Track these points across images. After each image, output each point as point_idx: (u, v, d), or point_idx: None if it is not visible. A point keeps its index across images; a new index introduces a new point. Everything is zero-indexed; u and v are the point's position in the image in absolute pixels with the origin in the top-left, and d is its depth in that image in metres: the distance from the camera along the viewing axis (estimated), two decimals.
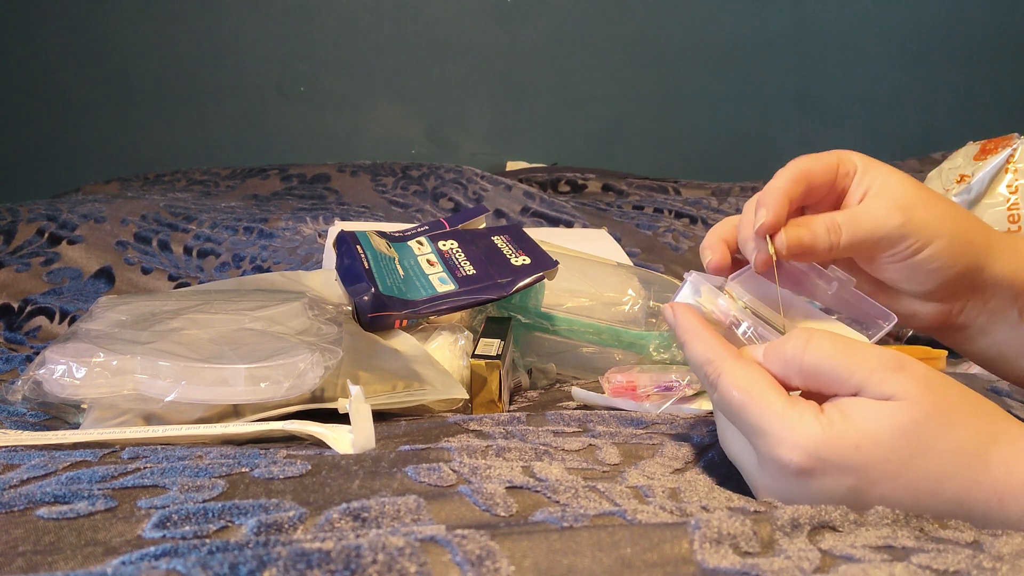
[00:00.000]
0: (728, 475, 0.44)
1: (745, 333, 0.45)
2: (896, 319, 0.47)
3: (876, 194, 0.46)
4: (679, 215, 1.33)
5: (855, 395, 0.38)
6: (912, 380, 0.37)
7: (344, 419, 0.49)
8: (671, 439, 0.48)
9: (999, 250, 0.47)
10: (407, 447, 0.45)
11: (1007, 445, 0.37)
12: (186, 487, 0.39)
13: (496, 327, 0.67)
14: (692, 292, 0.47)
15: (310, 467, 0.41)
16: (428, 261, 0.71)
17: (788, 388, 0.40)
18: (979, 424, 0.37)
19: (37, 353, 0.63)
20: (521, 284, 0.66)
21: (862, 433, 0.36)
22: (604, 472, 0.43)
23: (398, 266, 0.70)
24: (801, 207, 0.49)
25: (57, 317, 0.86)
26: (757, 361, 0.41)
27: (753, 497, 0.41)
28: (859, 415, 0.37)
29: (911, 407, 0.36)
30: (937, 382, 0.38)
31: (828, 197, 0.49)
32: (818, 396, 0.40)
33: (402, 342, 0.64)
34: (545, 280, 0.68)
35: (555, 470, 0.42)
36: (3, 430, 0.51)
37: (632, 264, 0.98)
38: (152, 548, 0.32)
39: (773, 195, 0.46)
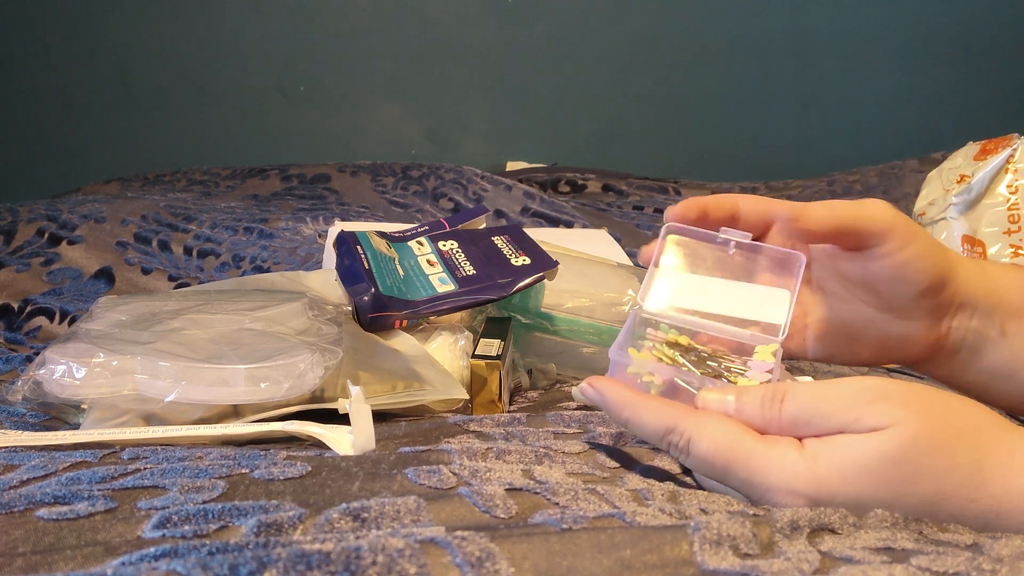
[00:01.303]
0: None
1: (690, 384, 0.43)
2: (806, 258, 0.47)
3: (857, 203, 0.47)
4: None
5: (831, 432, 0.37)
6: (895, 406, 0.36)
7: (344, 419, 0.49)
8: None
9: (966, 267, 0.49)
10: (407, 449, 0.45)
11: (1003, 457, 0.36)
12: (186, 488, 0.39)
13: (496, 327, 0.67)
14: (623, 359, 0.44)
15: (310, 468, 0.41)
16: (428, 261, 0.71)
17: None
18: (973, 439, 0.36)
19: (37, 353, 0.63)
20: (521, 284, 0.66)
21: (849, 466, 0.36)
22: (604, 477, 0.43)
23: (398, 266, 0.70)
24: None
25: (57, 317, 0.86)
26: (720, 410, 0.40)
27: None
28: (846, 447, 0.36)
29: (897, 434, 0.36)
30: (925, 401, 0.37)
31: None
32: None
33: (402, 342, 0.64)
34: (545, 280, 0.68)
35: (555, 473, 0.42)
36: (3, 430, 0.51)
37: (632, 264, 0.98)
38: (152, 549, 0.32)
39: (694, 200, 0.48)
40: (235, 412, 0.54)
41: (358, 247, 0.71)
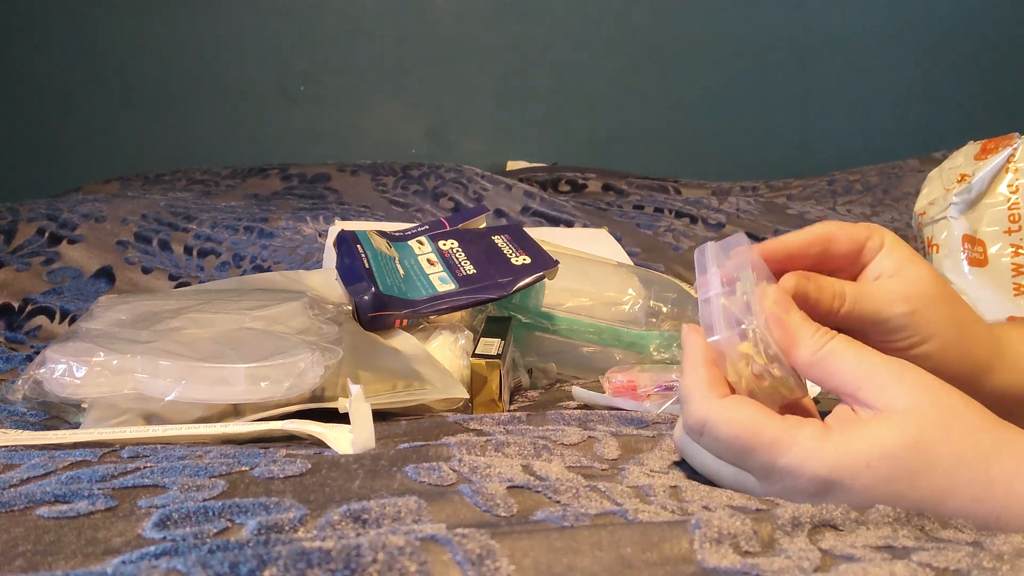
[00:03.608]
0: None
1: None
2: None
3: (891, 276, 0.46)
4: (679, 215, 1.33)
5: (856, 398, 0.38)
6: (913, 389, 0.37)
7: (344, 419, 0.49)
8: (670, 431, 0.48)
9: (1000, 366, 0.47)
10: (406, 445, 0.45)
11: (1008, 460, 0.36)
12: (186, 486, 0.39)
13: (496, 326, 0.67)
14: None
15: (310, 466, 0.41)
16: (428, 260, 0.71)
17: (795, 366, 0.40)
18: (981, 435, 0.37)
19: (37, 352, 0.63)
20: (521, 284, 0.66)
21: (874, 450, 0.36)
22: (604, 470, 0.43)
23: (398, 265, 0.70)
24: (825, 270, 0.47)
25: (57, 316, 0.86)
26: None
27: None
28: (869, 431, 0.37)
29: (915, 418, 0.36)
30: (939, 389, 0.38)
31: (850, 268, 0.47)
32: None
33: (402, 341, 0.64)
34: (545, 280, 0.68)
35: (555, 468, 0.41)
36: (3, 429, 0.51)
37: (632, 264, 0.98)
38: (152, 547, 0.32)
39: (773, 244, 0.45)
40: (235, 411, 0.54)
41: (358, 246, 0.71)
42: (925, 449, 0.36)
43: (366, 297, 0.64)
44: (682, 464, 0.45)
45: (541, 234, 0.86)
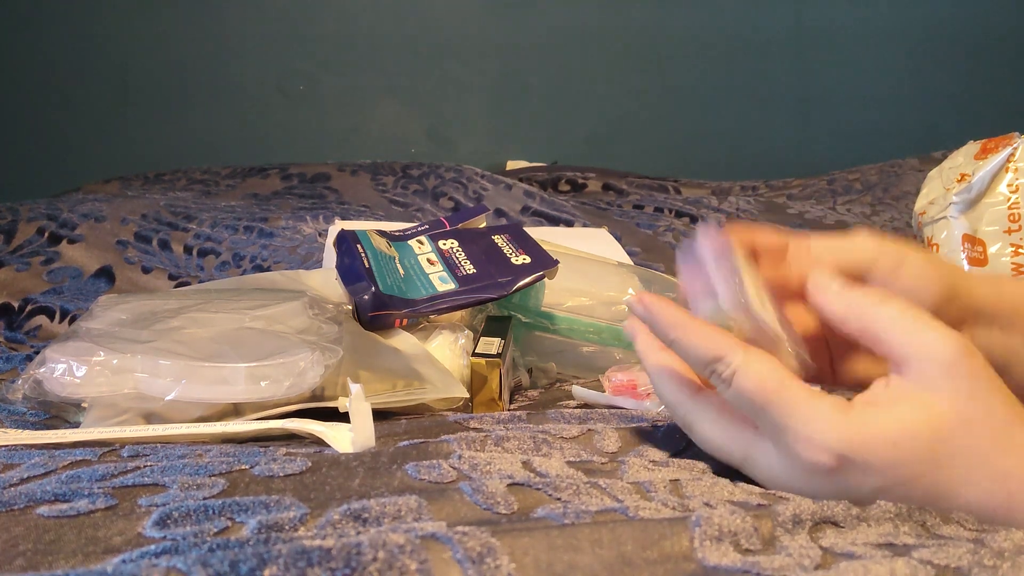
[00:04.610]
0: None
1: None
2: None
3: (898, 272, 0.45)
4: (679, 214, 1.33)
5: (899, 368, 0.37)
6: (958, 377, 0.36)
7: (344, 418, 0.49)
8: (669, 424, 0.48)
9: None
10: (406, 442, 0.45)
11: None
12: (186, 485, 0.39)
13: (496, 326, 0.67)
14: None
15: (310, 464, 0.41)
16: (428, 260, 0.71)
17: (834, 328, 0.40)
18: (1012, 429, 0.36)
19: (37, 352, 0.63)
20: (521, 283, 0.66)
21: (901, 430, 0.36)
22: (603, 464, 0.43)
23: (398, 265, 0.70)
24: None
25: (57, 316, 0.86)
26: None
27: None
28: (898, 410, 0.36)
29: (949, 408, 0.36)
30: (986, 380, 0.37)
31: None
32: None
33: (402, 341, 0.64)
34: (545, 279, 0.68)
35: (555, 464, 0.41)
36: (3, 429, 0.51)
37: (632, 263, 0.98)
38: (152, 546, 0.32)
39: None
40: (235, 410, 0.54)
41: (358, 246, 0.71)
42: (950, 440, 0.36)
43: (366, 297, 0.64)
44: (682, 454, 0.45)
45: (541, 234, 0.86)
